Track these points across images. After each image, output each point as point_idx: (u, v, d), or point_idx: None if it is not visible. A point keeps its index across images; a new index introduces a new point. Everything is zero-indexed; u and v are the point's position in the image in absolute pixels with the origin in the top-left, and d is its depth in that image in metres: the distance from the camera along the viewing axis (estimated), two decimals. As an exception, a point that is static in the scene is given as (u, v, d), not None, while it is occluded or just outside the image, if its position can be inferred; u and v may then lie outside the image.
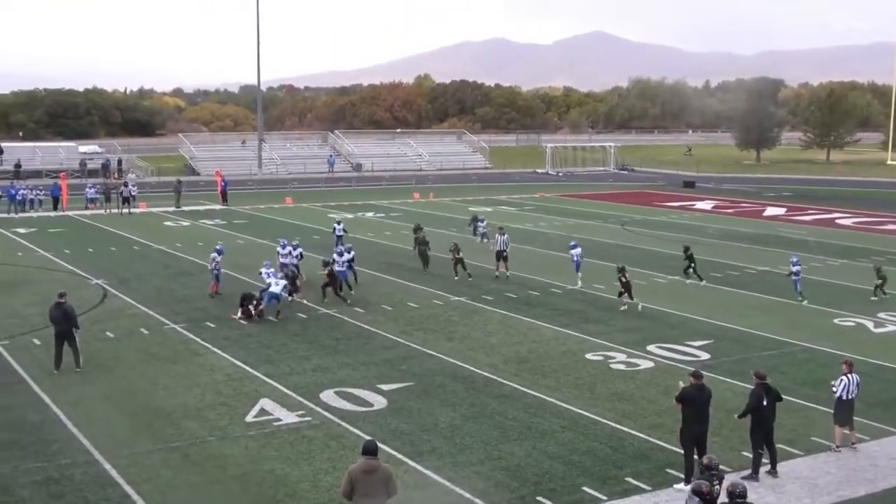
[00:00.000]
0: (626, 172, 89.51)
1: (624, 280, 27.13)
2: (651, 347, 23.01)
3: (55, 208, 53.15)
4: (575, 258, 31.11)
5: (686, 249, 32.28)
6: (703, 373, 15.68)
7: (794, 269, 28.81)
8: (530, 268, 33.57)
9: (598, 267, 32.80)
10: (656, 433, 16.94)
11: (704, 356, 22.29)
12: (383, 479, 11.26)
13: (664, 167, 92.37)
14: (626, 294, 27.18)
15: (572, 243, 32.35)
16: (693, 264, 31.94)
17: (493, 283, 31.04)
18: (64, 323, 20.58)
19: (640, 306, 27.25)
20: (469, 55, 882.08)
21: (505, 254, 31.86)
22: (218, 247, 30.04)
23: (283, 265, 29.30)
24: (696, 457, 14.20)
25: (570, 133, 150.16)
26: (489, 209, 54.62)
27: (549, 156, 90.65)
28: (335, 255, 29.33)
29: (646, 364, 21.57)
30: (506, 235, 32.22)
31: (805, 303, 28.44)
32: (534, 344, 23.38)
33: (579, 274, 30.97)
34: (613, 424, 17.48)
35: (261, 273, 27.70)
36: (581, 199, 62.90)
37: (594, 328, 25.03)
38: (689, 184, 73.75)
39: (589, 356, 22.23)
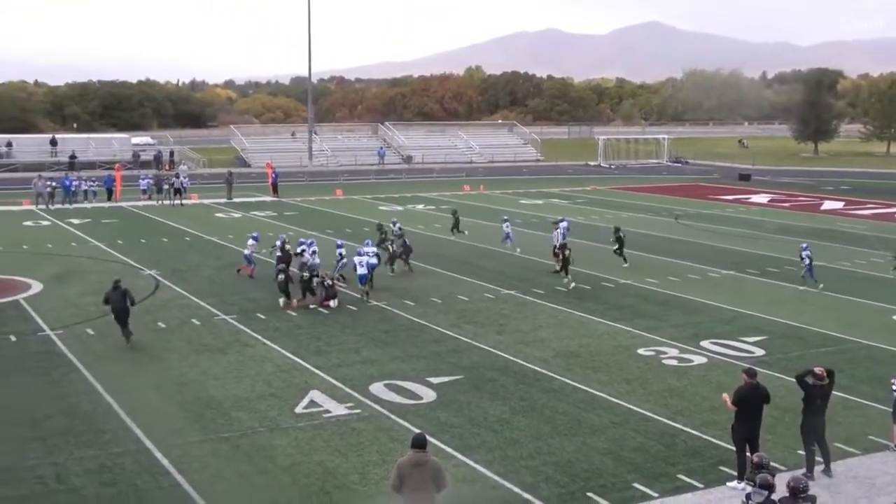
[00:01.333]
0: (679, 165, 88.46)
1: (562, 256, 29.31)
2: (704, 343, 22.65)
3: (109, 199, 54.20)
4: (562, 231, 33.12)
5: (617, 230, 32.60)
6: (757, 370, 15.36)
7: (804, 253, 29.20)
8: (581, 261, 33.16)
9: (651, 261, 32.41)
10: (709, 430, 16.66)
11: (759, 352, 21.88)
12: (432, 473, 11.19)
13: (719, 160, 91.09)
14: (563, 270, 29.21)
15: (560, 218, 34.70)
16: (620, 246, 32.16)
17: (545, 278, 30.81)
18: (122, 300, 21.50)
19: (571, 285, 28.67)
20: (523, 46, 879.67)
21: (556, 249, 31.58)
22: (254, 234, 32.15)
23: (303, 264, 29.19)
24: (748, 454, 13.94)
25: (623, 125, 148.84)
26: (540, 202, 54.38)
27: (601, 148, 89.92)
28: (366, 248, 28.82)
29: (699, 360, 21.24)
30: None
31: (821, 287, 28.64)
32: (585, 338, 23.15)
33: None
34: (666, 421, 17.24)
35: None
36: (634, 191, 62.32)
37: (646, 323, 24.71)
38: (745, 177, 72.73)
39: (641, 351, 21.96)
